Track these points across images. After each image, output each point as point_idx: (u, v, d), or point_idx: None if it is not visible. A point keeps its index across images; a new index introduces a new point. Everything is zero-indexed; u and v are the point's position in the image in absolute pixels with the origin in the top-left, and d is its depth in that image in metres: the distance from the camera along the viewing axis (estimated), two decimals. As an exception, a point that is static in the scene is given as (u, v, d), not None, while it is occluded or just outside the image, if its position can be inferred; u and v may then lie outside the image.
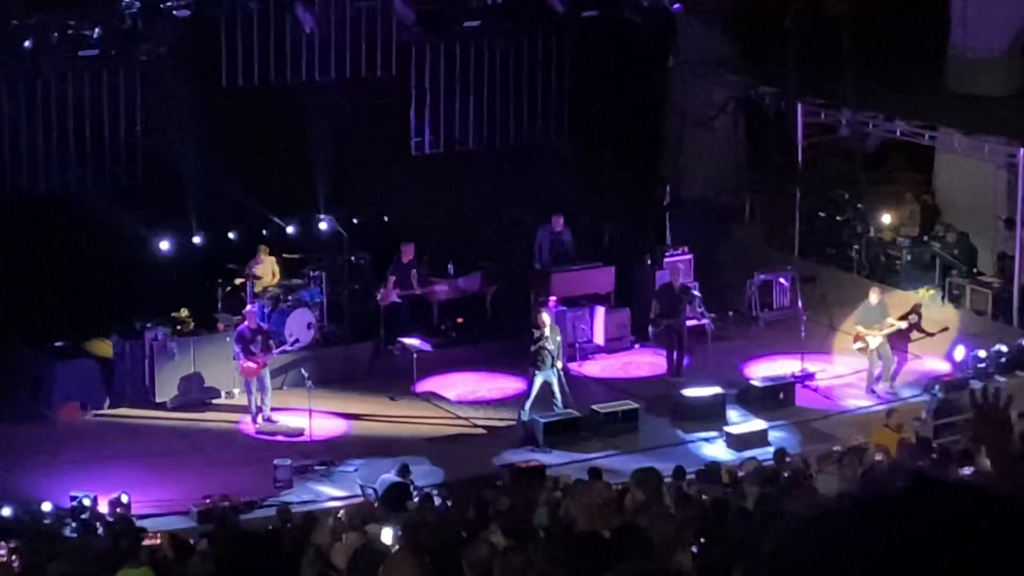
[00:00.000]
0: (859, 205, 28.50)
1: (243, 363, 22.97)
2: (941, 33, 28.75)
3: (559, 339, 23.02)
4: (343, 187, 26.81)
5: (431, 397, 24.13)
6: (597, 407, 22.75)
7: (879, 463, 17.32)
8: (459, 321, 26.27)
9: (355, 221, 26.74)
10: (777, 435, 22.16)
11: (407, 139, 28.48)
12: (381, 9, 26.98)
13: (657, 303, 24.94)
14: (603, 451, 21.74)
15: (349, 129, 26.79)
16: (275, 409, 23.12)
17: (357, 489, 20.00)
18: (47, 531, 18.15)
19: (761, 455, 19.79)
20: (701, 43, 29.15)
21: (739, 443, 21.76)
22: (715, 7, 28.91)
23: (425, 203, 27.01)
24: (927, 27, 28.66)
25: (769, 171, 29.56)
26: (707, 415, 22.81)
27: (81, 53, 24.56)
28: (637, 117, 29.39)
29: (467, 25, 27.92)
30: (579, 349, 25.32)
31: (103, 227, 24.68)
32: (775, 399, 23.36)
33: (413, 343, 24.51)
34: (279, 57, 26.28)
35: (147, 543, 15.60)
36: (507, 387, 24.32)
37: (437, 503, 17.32)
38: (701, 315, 25.21)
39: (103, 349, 24.19)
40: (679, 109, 29.96)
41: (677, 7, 28.45)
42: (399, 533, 13.41)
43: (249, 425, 23.01)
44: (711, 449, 21.95)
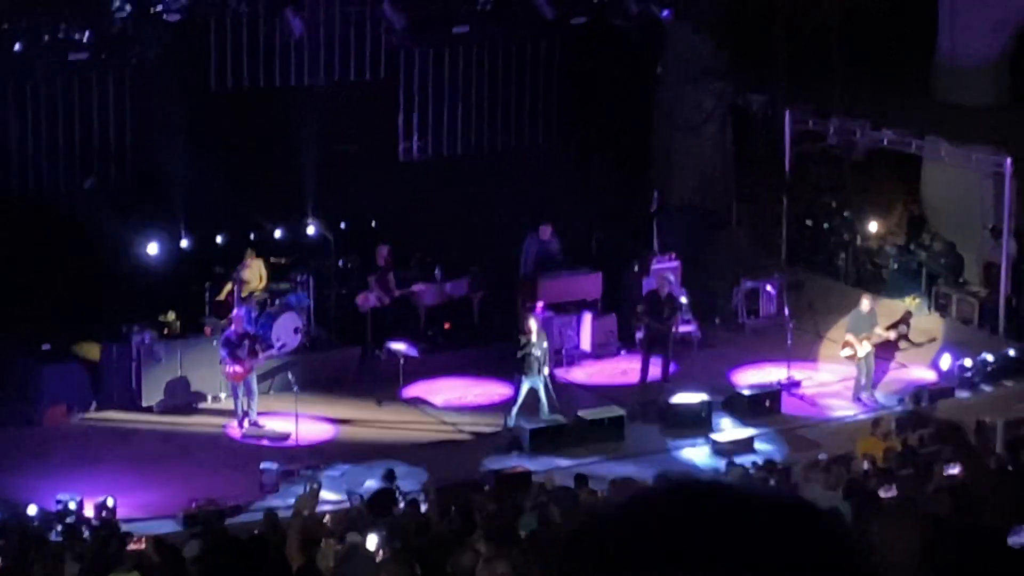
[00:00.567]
0: (846, 213, 28.58)
1: (230, 367, 22.95)
2: (929, 42, 28.84)
3: (546, 345, 23.03)
4: (331, 191, 26.79)
5: (418, 402, 24.12)
6: (583, 413, 22.76)
7: (866, 471, 17.39)
8: (446, 326, 26.28)
9: (343, 225, 26.76)
10: (764, 446, 22.16)
11: (395, 143, 28.50)
12: (370, 14, 26.99)
13: (643, 305, 24.89)
14: (589, 457, 21.75)
15: (337, 133, 26.79)
16: (261, 413, 23.09)
17: (343, 494, 19.98)
18: (33, 534, 18.12)
19: (747, 462, 19.83)
20: (690, 49, 29.19)
21: (725, 450, 21.77)
22: (704, 14, 28.96)
23: (413, 207, 26.99)
24: (915, 36, 28.76)
25: (756, 178, 29.61)
26: (694, 422, 22.82)
27: (71, 56, 24.52)
28: (625, 123, 29.42)
29: (456, 30, 27.91)
30: (566, 355, 25.32)
31: (91, 230, 24.66)
32: (761, 406, 23.37)
33: (400, 348, 24.51)
34: (268, 61, 26.28)
35: (132, 547, 15.60)
36: (494, 393, 24.30)
37: (423, 508, 17.32)
38: (687, 322, 25.24)
39: (90, 352, 24.16)
40: (667, 115, 30.01)
41: (666, 13, 28.48)
42: (384, 538, 13.43)
43: (235, 429, 22.99)
44: (697, 456, 21.97)
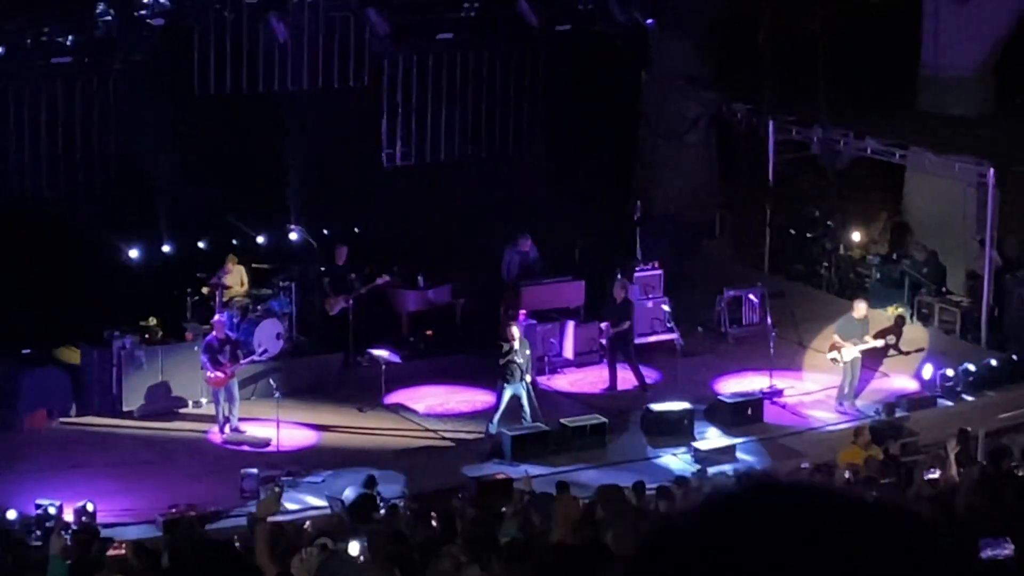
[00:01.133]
0: (829, 222, 28.59)
1: (211, 373, 22.90)
2: (913, 52, 28.86)
3: (528, 352, 23.01)
4: (314, 197, 26.75)
5: (400, 409, 24.08)
6: (565, 421, 22.73)
7: (848, 480, 17.38)
8: (428, 333, 26.25)
9: (325, 232, 26.71)
10: (745, 456, 22.13)
11: (379, 150, 28.47)
12: (354, 20, 26.97)
13: (603, 311, 25.00)
14: (571, 464, 21.72)
15: (321, 139, 26.75)
16: (243, 419, 23.04)
17: (324, 500, 19.93)
18: (12, 539, 18.04)
19: (729, 470, 19.82)
20: (674, 58, 29.20)
21: (707, 459, 21.74)
22: (689, 23, 28.96)
23: (396, 214, 26.96)
24: (899, 46, 28.79)
25: (740, 187, 29.63)
26: (676, 430, 22.80)
27: (55, 60, 24.46)
28: (610, 131, 29.42)
29: (440, 37, 27.91)
30: (548, 363, 25.30)
31: (72, 234, 24.60)
32: (743, 415, 23.36)
33: (382, 355, 24.46)
34: (252, 66, 26.23)
35: (112, 552, 15.54)
36: (476, 400, 24.26)
37: (404, 515, 17.28)
38: (671, 330, 25.24)
39: (71, 357, 24.10)
40: (652, 124, 30.01)
41: (651, 22, 28.50)
42: (365, 545, 13.39)
43: (216, 435, 22.94)
44: (678, 464, 21.94)
